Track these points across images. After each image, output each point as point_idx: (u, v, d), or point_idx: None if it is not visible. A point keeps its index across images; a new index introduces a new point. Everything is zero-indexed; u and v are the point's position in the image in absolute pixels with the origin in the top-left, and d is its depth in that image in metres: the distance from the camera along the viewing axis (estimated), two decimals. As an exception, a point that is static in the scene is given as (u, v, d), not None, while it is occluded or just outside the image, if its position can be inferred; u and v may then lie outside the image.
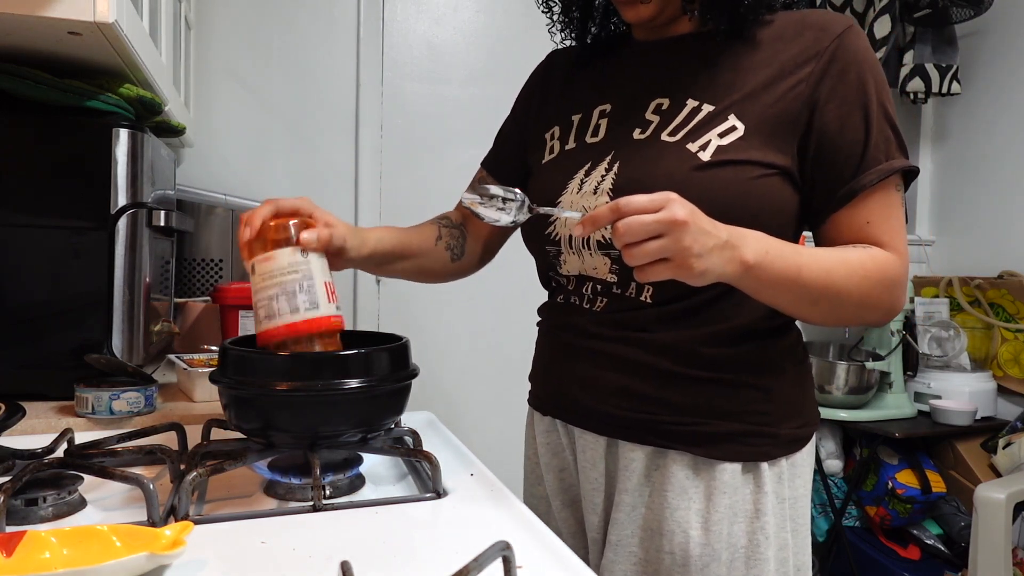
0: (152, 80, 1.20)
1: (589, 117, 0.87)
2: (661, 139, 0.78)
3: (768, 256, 0.68)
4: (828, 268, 0.71)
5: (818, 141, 0.76)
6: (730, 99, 0.77)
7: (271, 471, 0.76)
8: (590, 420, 0.85)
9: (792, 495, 0.82)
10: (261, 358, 0.75)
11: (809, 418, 0.86)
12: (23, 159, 1.08)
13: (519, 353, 1.13)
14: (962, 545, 2.06)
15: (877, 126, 0.76)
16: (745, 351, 0.80)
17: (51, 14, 0.90)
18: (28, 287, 1.08)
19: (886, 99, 0.77)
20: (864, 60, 0.76)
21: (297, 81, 2.07)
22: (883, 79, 0.78)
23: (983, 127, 2.46)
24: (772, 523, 0.80)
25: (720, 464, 0.79)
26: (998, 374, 2.31)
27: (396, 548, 0.62)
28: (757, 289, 0.70)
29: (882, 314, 0.77)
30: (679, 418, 0.80)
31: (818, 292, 0.71)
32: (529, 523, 0.69)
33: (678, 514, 0.79)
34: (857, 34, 0.78)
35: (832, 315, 0.76)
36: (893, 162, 0.76)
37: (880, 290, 0.74)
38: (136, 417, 1.03)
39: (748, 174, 0.75)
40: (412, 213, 2.23)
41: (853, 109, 0.76)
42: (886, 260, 0.75)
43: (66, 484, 0.70)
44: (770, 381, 0.81)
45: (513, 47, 2.25)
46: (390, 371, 0.78)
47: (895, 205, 0.77)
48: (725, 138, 0.76)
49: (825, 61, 0.76)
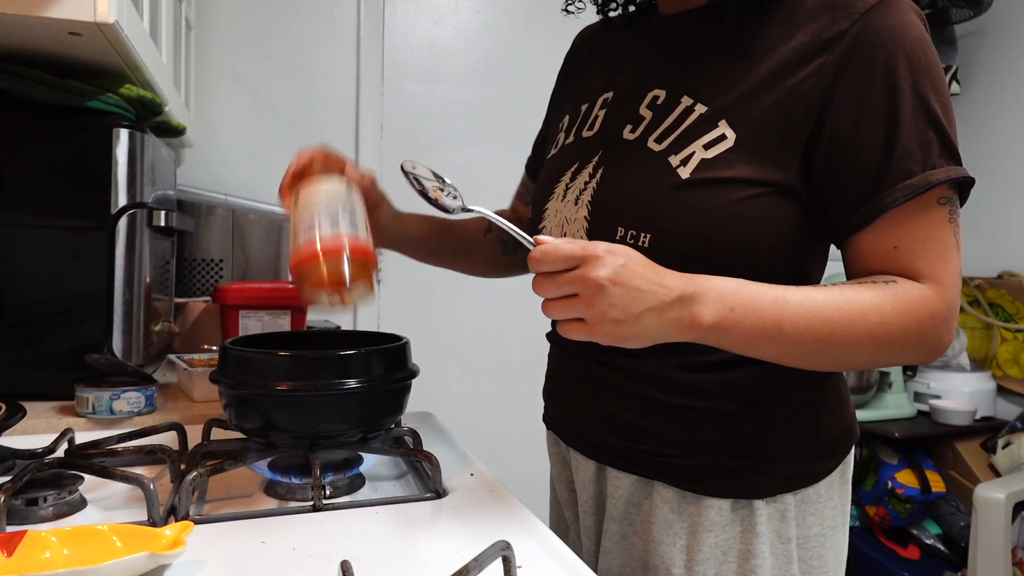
0: (152, 80, 1.20)
1: (593, 106, 0.79)
2: (647, 146, 0.69)
3: (734, 314, 0.58)
4: (824, 317, 0.60)
5: (827, 149, 0.64)
6: (725, 99, 0.66)
7: (271, 471, 0.76)
8: (580, 443, 0.80)
9: (804, 534, 0.72)
10: (261, 358, 0.75)
11: (832, 447, 0.74)
12: (23, 159, 1.08)
13: (519, 353, 1.13)
14: (962, 545, 2.06)
15: (910, 128, 0.61)
16: (737, 378, 0.70)
17: (51, 14, 0.90)
18: (28, 287, 1.08)
19: (929, 92, 0.62)
20: (898, 43, 0.61)
21: (297, 81, 2.07)
22: (928, 66, 0.62)
23: (983, 127, 2.46)
24: (769, 565, 0.70)
25: (706, 499, 0.70)
26: (998, 374, 2.31)
27: (396, 548, 0.62)
28: (723, 347, 0.61)
29: (916, 359, 0.64)
30: (663, 448, 0.72)
31: (808, 346, 0.61)
32: (529, 523, 0.69)
33: (661, 549, 0.72)
34: (893, 7, 0.62)
35: (837, 366, 0.66)
36: (930, 173, 0.61)
37: (906, 336, 0.61)
38: (136, 417, 1.03)
39: (733, 195, 0.64)
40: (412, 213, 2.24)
41: (876, 107, 0.62)
42: (917, 298, 0.61)
43: (66, 484, 0.70)
44: (766, 413, 0.71)
45: (513, 47, 2.25)
46: (390, 371, 0.78)
47: (936, 225, 0.62)
48: (711, 150, 0.65)
49: (845, 49, 0.62)
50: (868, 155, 0.62)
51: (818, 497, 0.73)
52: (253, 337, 0.87)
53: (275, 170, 2.07)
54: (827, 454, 0.74)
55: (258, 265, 1.75)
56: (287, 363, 0.74)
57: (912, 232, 0.63)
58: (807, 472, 0.72)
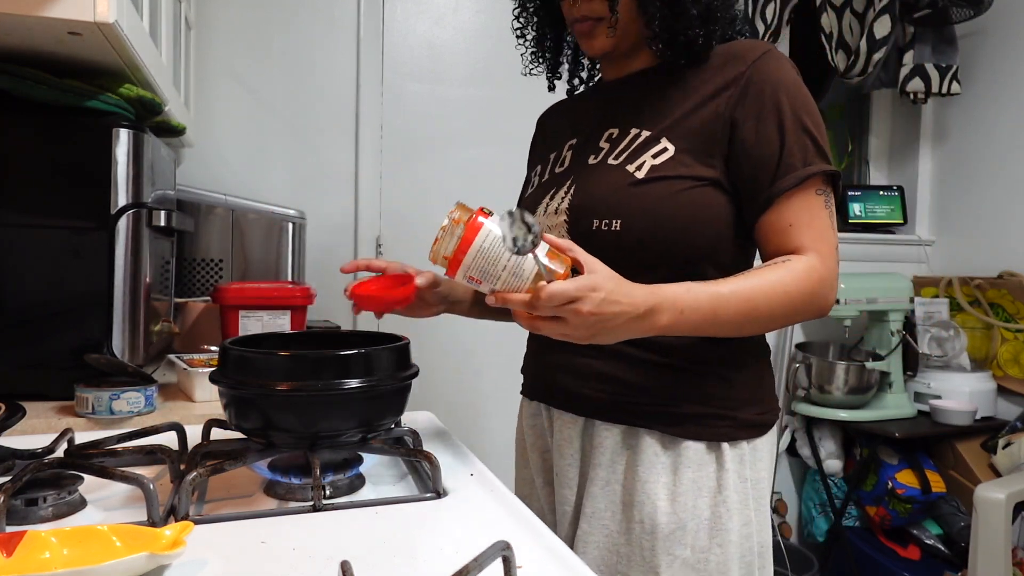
0: (152, 80, 1.20)
1: (561, 152, 0.99)
2: (607, 163, 0.89)
3: (683, 315, 0.75)
4: (748, 297, 0.79)
5: (740, 155, 0.85)
6: (663, 124, 0.88)
7: (271, 471, 0.76)
8: (569, 402, 0.94)
9: (754, 476, 0.89)
10: (261, 358, 0.75)
11: (768, 408, 0.93)
12: (23, 159, 1.08)
13: (519, 353, 1.13)
14: (962, 545, 2.06)
15: (792, 136, 0.83)
16: (710, 345, 0.88)
17: (51, 14, 0.90)
18: (28, 287, 1.08)
19: (803, 112, 0.84)
20: (779, 80, 0.85)
21: (297, 81, 2.07)
22: (800, 95, 0.85)
23: (983, 127, 2.46)
24: (734, 499, 0.87)
25: (685, 442, 0.87)
26: (998, 374, 2.31)
27: (396, 548, 0.62)
28: (676, 335, 0.80)
29: (812, 316, 0.84)
30: (650, 399, 0.88)
31: (739, 322, 0.79)
32: (529, 523, 0.69)
33: (647, 486, 0.86)
34: (773, 58, 0.87)
35: (761, 331, 0.84)
36: (810, 167, 0.83)
37: (804, 300, 0.81)
38: (136, 417, 1.03)
39: (678, 187, 0.84)
40: (412, 213, 2.23)
41: (768, 123, 0.84)
42: (806, 269, 0.81)
43: (66, 484, 0.70)
44: (732, 372, 0.90)
45: (513, 47, 2.25)
46: (390, 371, 0.78)
47: (817, 207, 0.84)
48: (658, 158, 0.86)
49: (742, 85, 0.85)
50: (767, 157, 0.84)
51: (763, 447, 0.91)
52: (253, 337, 0.87)
53: (275, 170, 2.08)
54: (771, 410, 0.93)
55: (258, 265, 1.75)
56: (287, 363, 0.74)
57: (800, 213, 0.83)
58: (759, 423, 0.91)
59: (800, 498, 2.56)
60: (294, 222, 1.79)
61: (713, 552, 0.85)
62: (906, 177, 2.72)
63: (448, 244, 0.71)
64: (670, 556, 0.85)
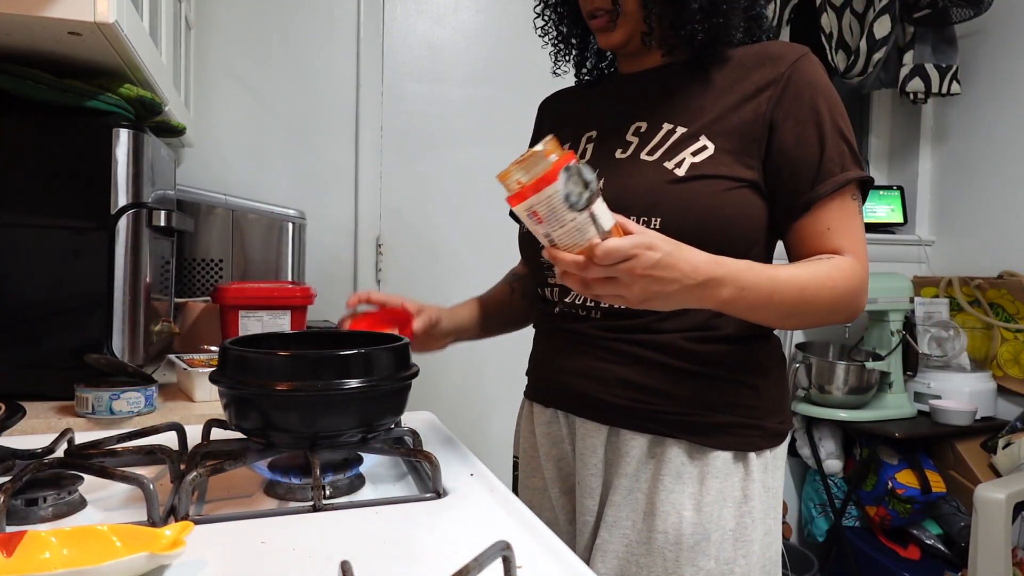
0: (152, 80, 1.20)
1: (577, 143, 0.95)
2: (640, 158, 0.86)
3: (743, 292, 0.74)
4: (803, 286, 0.78)
5: (778, 157, 0.83)
6: (700, 122, 0.85)
7: (271, 471, 0.76)
8: (592, 409, 0.90)
9: (774, 485, 0.89)
10: (261, 358, 0.75)
11: (787, 415, 0.93)
12: (23, 159, 1.08)
13: (519, 353, 1.13)
14: (962, 545, 2.06)
15: (831, 141, 0.83)
16: (736, 351, 0.87)
17: (51, 14, 0.90)
18: (28, 287, 1.08)
19: (839, 118, 0.84)
20: (817, 84, 0.84)
21: (297, 81, 2.07)
22: (836, 100, 0.85)
23: (983, 127, 2.46)
24: (759, 509, 0.86)
25: (713, 452, 0.85)
26: (998, 374, 2.31)
27: (396, 548, 0.62)
28: (730, 313, 0.78)
29: (846, 317, 0.84)
30: (678, 408, 0.86)
31: (789, 310, 0.78)
32: (529, 523, 0.69)
33: (673, 496, 0.85)
34: (811, 61, 0.85)
35: (802, 324, 0.84)
36: (848, 173, 0.83)
37: (847, 298, 0.81)
38: (136, 417, 1.03)
39: (719, 187, 0.82)
40: (412, 213, 2.23)
41: (807, 127, 0.83)
42: (850, 269, 0.82)
43: (66, 484, 0.70)
44: (758, 379, 0.88)
45: (513, 47, 2.25)
46: (390, 371, 0.78)
47: (852, 213, 0.84)
48: (698, 156, 0.83)
49: (782, 86, 0.83)
50: (806, 161, 0.83)
51: (780, 455, 0.91)
52: (253, 337, 0.87)
53: (275, 170, 2.08)
54: (788, 418, 0.93)
55: (258, 265, 1.75)
56: (287, 363, 0.74)
57: (837, 218, 0.83)
58: (779, 432, 0.90)
59: (800, 498, 2.56)
60: (294, 222, 1.79)
61: (738, 563, 0.84)
62: (906, 177, 2.73)
63: (530, 172, 0.65)
64: (695, 567, 0.83)
